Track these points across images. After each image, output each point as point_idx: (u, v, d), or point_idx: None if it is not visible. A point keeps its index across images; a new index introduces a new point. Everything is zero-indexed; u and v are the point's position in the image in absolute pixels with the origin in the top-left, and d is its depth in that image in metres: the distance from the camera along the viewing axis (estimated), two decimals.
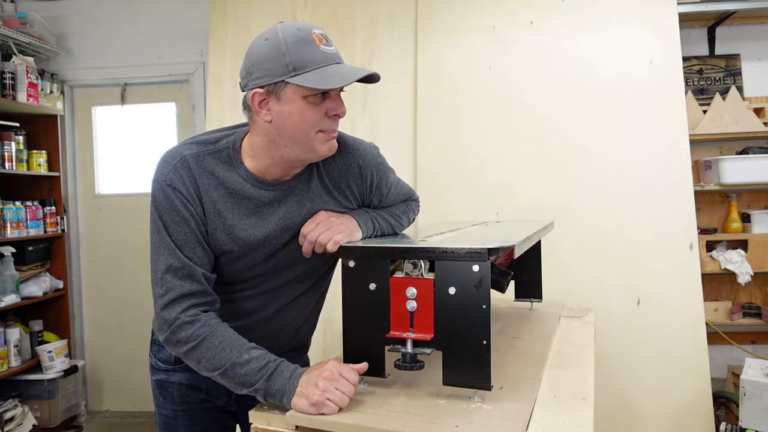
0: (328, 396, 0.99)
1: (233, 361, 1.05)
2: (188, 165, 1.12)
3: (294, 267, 1.24)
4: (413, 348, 1.05)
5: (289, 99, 1.06)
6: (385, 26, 2.69)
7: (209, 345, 1.06)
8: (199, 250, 1.13)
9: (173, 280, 1.09)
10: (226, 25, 2.86)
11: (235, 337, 1.09)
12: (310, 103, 1.06)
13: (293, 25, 1.06)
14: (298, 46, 1.03)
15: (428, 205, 1.63)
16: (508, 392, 1.09)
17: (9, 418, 2.86)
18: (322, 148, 1.10)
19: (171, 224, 1.11)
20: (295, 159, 1.13)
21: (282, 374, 1.04)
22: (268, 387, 1.03)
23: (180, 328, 1.07)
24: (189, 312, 1.08)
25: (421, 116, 2.60)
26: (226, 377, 1.06)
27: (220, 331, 1.08)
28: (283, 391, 1.02)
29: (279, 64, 1.04)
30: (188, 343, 1.07)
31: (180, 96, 3.52)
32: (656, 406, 2.28)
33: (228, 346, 1.06)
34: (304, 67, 1.03)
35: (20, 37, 3.11)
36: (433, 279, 1.03)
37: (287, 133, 1.09)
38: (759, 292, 2.85)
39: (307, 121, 1.07)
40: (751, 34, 2.92)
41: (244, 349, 1.06)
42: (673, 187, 2.35)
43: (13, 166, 3.05)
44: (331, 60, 1.05)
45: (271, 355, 1.07)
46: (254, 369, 1.04)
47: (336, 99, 1.09)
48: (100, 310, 3.60)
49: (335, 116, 1.09)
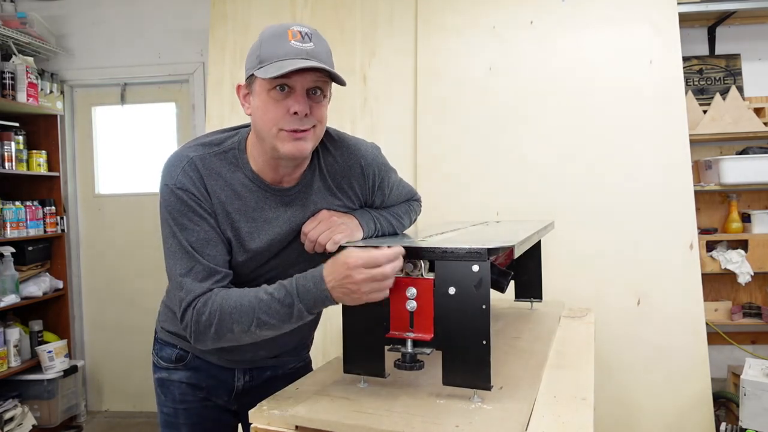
0: (369, 297, 0.99)
1: (257, 307, 1.03)
2: (196, 167, 1.12)
3: (295, 266, 1.23)
4: (413, 348, 1.05)
5: (257, 92, 1.08)
6: (385, 26, 2.69)
7: (229, 309, 1.04)
8: (221, 247, 1.12)
9: (193, 283, 1.08)
10: (226, 25, 2.86)
11: (244, 290, 1.07)
12: (272, 98, 1.06)
13: (282, 24, 1.08)
14: (269, 41, 1.05)
15: (428, 205, 1.63)
16: (508, 392, 1.08)
17: (9, 418, 2.86)
18: (284, 147, 1.07)
19: (188, 225, 1.09)
20: (273, 156, 1.11)
21: (306, 288, 1.02)
22: (306, 305, 1.02)
23: (199, 319, 1.06)
24: (200, 300, 1.07)
25: (421, 116, 2.60)
26: (263, 326, 1.04)
27: (231, 293, 1.07)
28: (322, 299, 1.01)
29: (253, 57, 1.07)
30: (212, 321, 1.05)
31: (180, 96, 3.52)
32: (656, 406, 2.28)
33: (245, 299, 1.04)
34: (266, 60, 1.03)
35: (20, 37, 3.11)
36: (433, 279, 1.03)
37: (259, 128, 1.10)
38: (759, 292, 2.85)
39: (269, 116, 1.06)
40: (751, 34, 2.92)
41: (260, 292, 1.05)
42: (674, 187, 2.35)
43: (13, 166, 3.05)
44: (296, 55, 1.03)
45: (282, 281, 1.05)
46: (279, 300, 1.02)
47: (297, 97, 1.05)
48: (100, 310, 3.60)
49: (294, 114, 1.05)
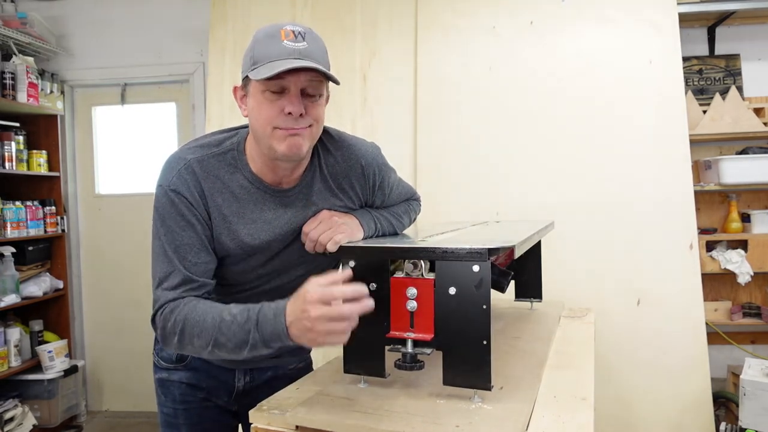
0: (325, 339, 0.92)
1: (218, 327, 0.99)
2: (193, 170, 1.11)
3: (297, 267, 1.24)
4: (413, 348, 1.05)
5: (252, 93, 1.08)
6: (385, 26, 2.69)
7: (192, 322, 1.02)
8: (204, 255, 1.12)
9: (166, 289, 1.07)
10: (226, 25, 2.86)
11: (214, 305, 1.04)
12: (267, 99, 1.05)
13: (276, 23, 1.07)
14: (262, 41, 1.05)
15: (428, 205, 1.63)
16: (508, 392, 1.08)
17: (9, 418, 2.86)
18: (279, 147, 1.06)
19: (176, 229, 1.09)
20: (269, 156, 1.11)
21: (266, 318, 0.97)
22: (262, 336, 0.97)
23: (165, 323, 1.05)
24: (170, 305, 1.06)
25: (421, 116, 2.60)
26: (221, 347, 1.00)
27: (198, 307, 1.04)
28: (277, 333, 0.95)
29: (247, 59, 1.07)
30: (175, 332, 1.03)
31: (180, 96, 3.52)
32: (656, 406, 2.28)
33: (209, 315, 1.01)
34: (259, 61, 1.03)
35: (20, 37, 3.11)
36: (434, 279, 1.03)
37: (254, 128, 1.10)
38: (759, 292, 2.85)
39: (263, 116, 1.06)
40: (751, 34, 2.92)
41: (225, 312, 1.01)
42: (673, 187, 2.35)
43: (13, 166, 3.05)
44: (288, 55, 1.02)
45: (251, 305, 1.00)
46: (239, 324, 0.98)
47: (291, 97, 1.05)
48: (100, 310, 3.60)
49: (289, 114, 1.05)
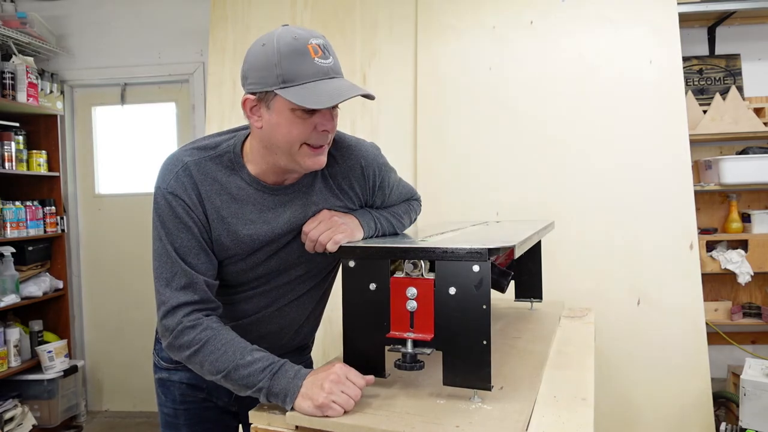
0: (334, 398, 0.98)
1: (236, 363, 1.03)
2: (190, 172, 1.12)
3: (297, 267, 1.24)
4: (413, 348, 1.05)
5: (277, 109, 1.04)
6: (384, 26, 2.69)
7: (212, 348, 1.06)
8: (203, 257, 1.12)
9: (175, 289, 1.09)
10: (226, 25, 2.86)
11: (238, 339, 1.08)
12: (298, 117, 1.04)
13: (292, 32, 1.03)
14: (291, 58, 1.01)
15: (428, 205, 1.63)
16: (508, 392, 1.08)
17: (9, 418, 2.86)
18: (306, 162, 1.08)
19: (174, 231, 1.10)
20: (285, 167, 1.12)
21: (286, 374, 1.02)
22: (271, 386, 1.01)
23: (182, 333, 1.07)
24: (191, 317, 1.08)
25: (421, 116, 2.59)
26: (230, 380, 1.05)
27: (222, 334, 1.07)
28: (286, 391, 1.01)
29: (271, 73, 1.02)
30: (191, 347, 1.07)
31: (180, 96, 3.52)
32: (656, 406, 2.28)
33: (231, 349, 1.05)
34: (293, 80, 1.01)
35: (20, 37, 3.11)
36: (434, 279, 1.03)
37: (274, 143, 1.08)
38: (759, 292, 2.85)
39: (294, 134, 1.05)
40: (751, 34, 2.92)
41: (248, 350, 1.05)
42: (673, 187, 2.35)
43: (13, 166, 3.05)
44: (323, 75, 1.02)
45: (275, 356, 1.06)
46: (257, 369, 1.03)
47: (325, 114, 1.06)
48: (100, 310, 3.60)
49: (324, 132, 1.06)
